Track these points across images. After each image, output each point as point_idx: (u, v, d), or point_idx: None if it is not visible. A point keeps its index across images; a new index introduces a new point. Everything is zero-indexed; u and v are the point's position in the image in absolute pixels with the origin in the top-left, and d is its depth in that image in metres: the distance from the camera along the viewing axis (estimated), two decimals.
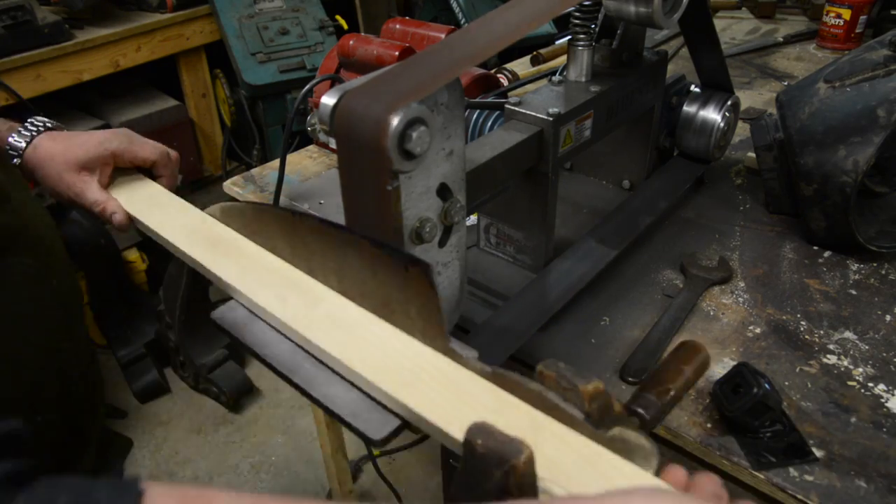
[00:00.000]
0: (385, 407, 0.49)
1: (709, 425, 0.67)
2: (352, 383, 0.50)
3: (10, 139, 0.76)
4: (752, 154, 1.04)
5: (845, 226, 0.86)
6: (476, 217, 0.89)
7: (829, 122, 0.85)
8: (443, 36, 1.17)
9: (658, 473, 0.39)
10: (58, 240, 0.72)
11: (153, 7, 2.30)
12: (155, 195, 0.77)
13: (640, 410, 0.50)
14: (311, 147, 1.28)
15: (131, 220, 0.75)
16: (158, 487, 0.36)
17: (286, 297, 0.55)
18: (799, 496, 0.60)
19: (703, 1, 0.89)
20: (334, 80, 1.10)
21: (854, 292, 0.84)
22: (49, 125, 0.79)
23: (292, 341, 0.55)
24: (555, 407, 0.42)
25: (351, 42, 1.15)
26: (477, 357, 0.49)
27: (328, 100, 0.55)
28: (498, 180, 0.73)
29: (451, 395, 0.45)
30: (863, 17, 1.56)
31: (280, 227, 0.60)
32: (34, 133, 0.77)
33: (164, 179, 0.83)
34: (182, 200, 0.74)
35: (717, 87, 1.01)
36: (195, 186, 2.60)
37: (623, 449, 0.41)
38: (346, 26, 2.56)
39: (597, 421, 0.41)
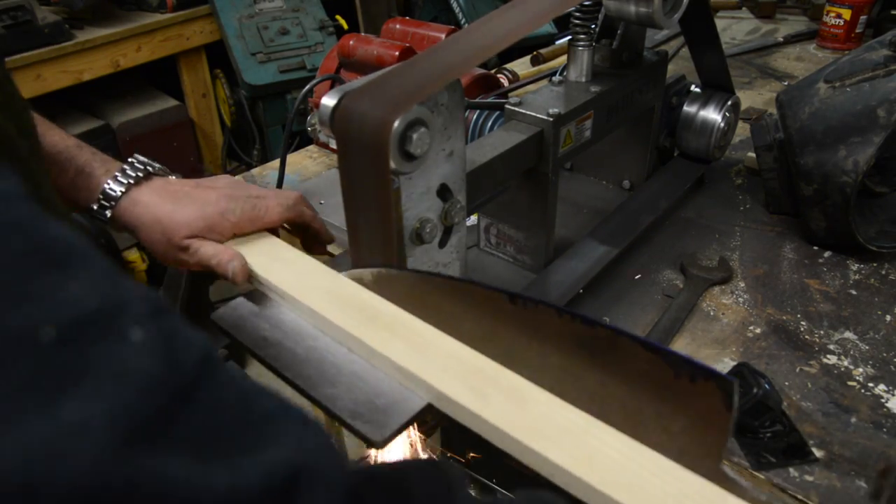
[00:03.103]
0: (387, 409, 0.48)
1: None
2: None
3: (107, 187, 0.62)
4: (752, 154, 1.04)
5: (845, 226, 0.86)
6: (476, 217, 0.90)
7: (829, 122, 0.85)
8: (443, 36, 1.17)
9: None
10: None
11: (153, 7, 2.30)
12: (280, 252, 0.62)
13: None
14: (311, 147, 1.28)
15: (250, 275, 0.61)
16: None
17: (487, 393, 0.43)
18: (799, 496, 0.60)
19: (704, 1, 0.89)
20: (334, 81, 1.10)
21: (854, 292, 0.84)
22: (150, 169, 0.65)
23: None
24: None
25: (351, 42, 1.15)
26: (752, 487, 0.40)
27: (328, 101, 0.55)
28: (498, 181, 0.73)
29: None
30: (863, 17, 1.56)
31: (475, 307, 0.49)
32: (131, 181, 0.63)
33: (316, 224, 0.69)
34: (313, 259, 0.61)
35: (718, 87, 1.01)
36: None
37: None
38: (346, 26, 2.56)
39: None
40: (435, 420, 0.69)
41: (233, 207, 0.63)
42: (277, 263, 0.60)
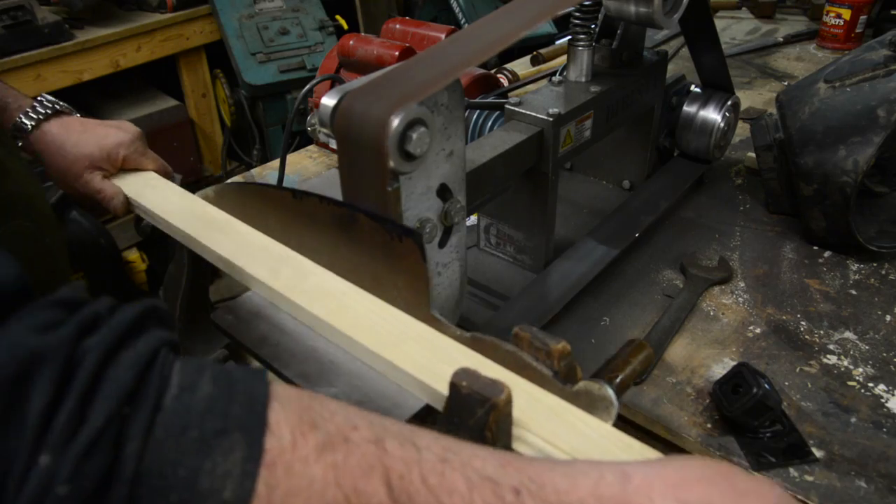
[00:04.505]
0: (385, 407, 0.49)
1: (709, 425, 0.67)
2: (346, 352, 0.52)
3: (18, 119, 0.75)
4: (752, 154, 1.04)
5: (845, 226, 0.86)
6: (476, 217, 0.89)
7: (829, 122, 0.85)
8: (443, 36, 1.17)
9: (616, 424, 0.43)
10: (45, 202, 0.72)
11: (153, 7, 2.30)
12: (151, 181, 0.78)
13: None
14: (311, 147, 1.28)
15: (129, 205, 0.75)
16: (280, 386, 0.36)
17: (278, 271, 0.57)
18: (799, 496, 0.60)
19: (704, 1, 0.89)
20: (334, 80, 1.10)
21: (854, 292, 0.84)
22: (58, 107, 0.78)
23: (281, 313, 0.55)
24: (527, 366, 0.46)
25: (351, 42, 1.15)
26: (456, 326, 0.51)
27: (329, 100, 0.55)
28: (498, 180, 0.73)
29: (432, 355, 0.48)
30: (863, 17, 1.56)
31: (275, 206, 0.62)
32: (41, 117, 0.76)
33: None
34: (177, 186, 0.77)
35: (718, 87, 1.01)
36: (195, 186, 2.61)
37: (588, 402, 0.44)
38: (346, 26, 2.56)
39: (564, 378, 0.46)
40: (433, 418, 0.69)
41: (127, 143, 0.78)
42: (148, 190, 0.75)
